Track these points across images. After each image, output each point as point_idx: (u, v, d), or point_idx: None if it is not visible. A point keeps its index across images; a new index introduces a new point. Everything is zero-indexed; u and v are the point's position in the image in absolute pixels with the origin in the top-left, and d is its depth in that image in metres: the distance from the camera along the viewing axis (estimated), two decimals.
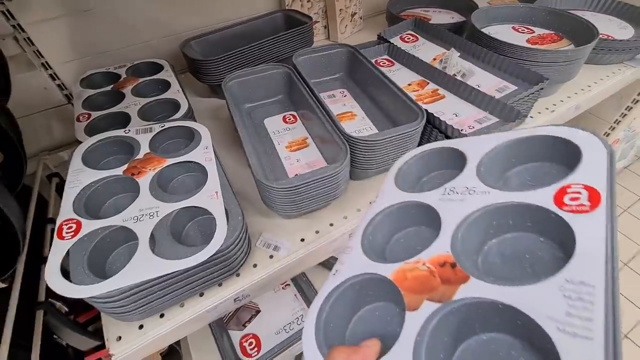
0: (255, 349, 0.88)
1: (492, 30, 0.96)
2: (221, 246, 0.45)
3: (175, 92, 0.78)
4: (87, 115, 0.71)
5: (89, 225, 0.47)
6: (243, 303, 0.57)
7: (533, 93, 0.69)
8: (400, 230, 0.40)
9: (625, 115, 1.23)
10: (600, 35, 0.82)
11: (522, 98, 0.69)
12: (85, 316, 0.83)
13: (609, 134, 1.30)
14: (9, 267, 0.48)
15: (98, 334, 0.78)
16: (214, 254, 0.45)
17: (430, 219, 0.35)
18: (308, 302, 0.97)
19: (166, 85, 0.81)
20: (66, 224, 0.46)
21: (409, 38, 0.96)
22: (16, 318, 0.53)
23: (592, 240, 0.24)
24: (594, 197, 0.27)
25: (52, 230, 0.49)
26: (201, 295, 0.53)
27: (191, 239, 0.52)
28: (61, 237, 0.45)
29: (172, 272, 0.44)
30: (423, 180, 0.44)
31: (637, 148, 1.91)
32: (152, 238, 0.46)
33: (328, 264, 1.03)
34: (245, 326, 0.93)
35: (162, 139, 0.63)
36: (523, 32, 0.94)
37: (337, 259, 0.37)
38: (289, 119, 0.73)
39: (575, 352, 0.20)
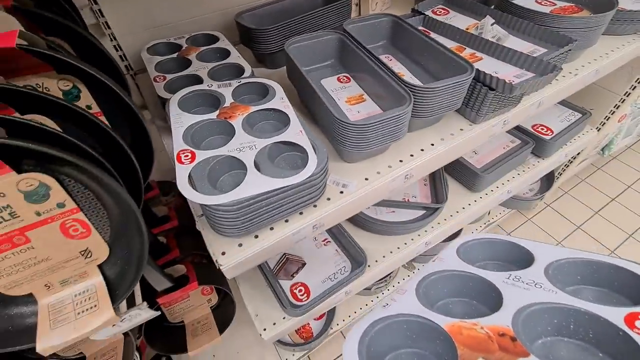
0: (305, 294, 0.97)
1: (518, 3, 1.04)
2: (315, 170, 0.54)
3: (236, 57, 0.86)
4: (162, 77, 0.79)
5: (202, 155, 0.55)
6: (319, 231, 0.66)
7: (562, 53, 0.78)
8: (453, 295, 0.40)
9: (635, 87, 1.32)
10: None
11: (552, 58, 0.77)
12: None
13: (619, 106, 1.39)
14: (146, 177, 0.56)
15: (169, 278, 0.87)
16: (310, 175, 0.54)
17: (487, 295, 0.36)
18: (349, 255, 1.06)
19: (225, 53, 0.89)
20: (183, 153, 0.55)
21: (440, 11, 1.04)
22: None
23: None
24: None
25: None
26: (286, 221, 0.62)
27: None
28: (181, 162, 0.54)
29: (277, 189, 0.52)
30: (481, 263, 0.45)
31: None
32: (256, 165, 0.55)
33: (359, 222, 1.11)
34: (293, 277, 1.02)
35: (240, 93, 0.71)
36: (546, 5, 1.02)
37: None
38: (343, 80, 0.82)
39: None
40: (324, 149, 0.58)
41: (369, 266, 1.05)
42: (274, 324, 0.95)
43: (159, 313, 0.58)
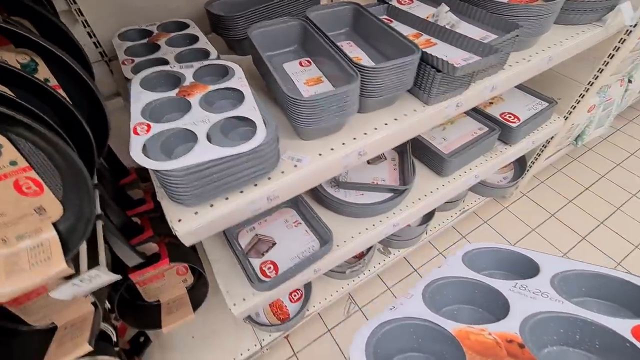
0: (273, 271, 1.02)
1: None
2: (263, 140, 0.58)
3: (204, 43, 0.90)
4: (131, 60, 0.83)
5: (157, 127, 0.59)
6: (274, 203, 0.70)
7: (509, 39, 0.83)
8: (459, 302, 0.41)
9: (598, 77, 1.38)
10: None
11: (500, 43, 0.82)
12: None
13: (583, 95, 1.45)
14: (102, 147, 0.60)
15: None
16: (257, 146, 0.58)
17: (493, 302, 0.36)
18: (317, 235, 1.10)
19: (194, 39, 0.93)
20: (139, 125, 0.59)
21: (405, 1, 1.09)
22: None
23: None
24: None
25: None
26: (241, 192, 0.66)
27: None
28: (136, 134, 0.58)
29: (225, 157, 0.56)
30: (486, 272, 0.45)
31: (612, 117, 2.07)
32: (208, 137, 0.59)
33: (329, 205, 1.16)
34: (263, 255, 1.07)
35: (201, 74, 0.75)
36: None
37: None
38: (304, 64, 0.86)
39: None
40: (274, 122, 0.63)
41: (337, 246, 1.09)
42: (244, 299, 0.99)
43: (119, 277, 0.62)
